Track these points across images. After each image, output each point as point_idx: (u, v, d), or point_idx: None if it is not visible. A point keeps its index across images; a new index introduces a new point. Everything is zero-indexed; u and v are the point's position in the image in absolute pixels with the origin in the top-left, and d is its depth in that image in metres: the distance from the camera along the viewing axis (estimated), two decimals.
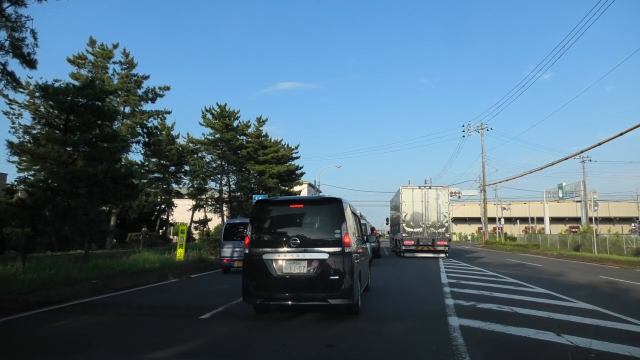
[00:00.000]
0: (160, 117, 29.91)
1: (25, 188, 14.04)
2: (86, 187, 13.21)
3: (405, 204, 23.89)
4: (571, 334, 5.44)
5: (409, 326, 6.11)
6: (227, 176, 34.18)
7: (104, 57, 26.87)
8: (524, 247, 39.15)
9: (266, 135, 35.27)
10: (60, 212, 13.33)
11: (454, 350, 4.75)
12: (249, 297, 6.39)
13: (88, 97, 13.89)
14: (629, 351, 4.75)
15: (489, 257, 24.66)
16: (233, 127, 32.39)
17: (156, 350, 4.98)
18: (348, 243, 6.33)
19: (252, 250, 6.46)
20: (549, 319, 6.49)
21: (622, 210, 69.04)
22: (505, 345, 5.10)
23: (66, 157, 13.41)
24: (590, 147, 29.00)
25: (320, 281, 6.16)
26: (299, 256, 6.27)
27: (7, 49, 11.30)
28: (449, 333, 5.53)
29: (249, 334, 5.65)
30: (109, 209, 23.03)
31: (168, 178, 34.09)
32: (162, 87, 28.62)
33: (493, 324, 6.04)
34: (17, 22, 11.17)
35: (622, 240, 27.21)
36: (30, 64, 11.58)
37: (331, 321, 6.34)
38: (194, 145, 33.00)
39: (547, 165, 36.58)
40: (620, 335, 5.59)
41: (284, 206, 7.15)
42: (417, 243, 23.14)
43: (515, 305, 7.61)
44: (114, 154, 14.58)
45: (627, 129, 22.16)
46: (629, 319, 6.65)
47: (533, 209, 67.60)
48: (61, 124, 14.47)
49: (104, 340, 5.45)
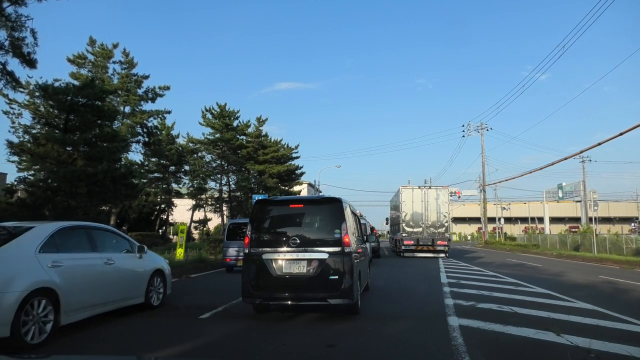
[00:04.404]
0: (160, 116, 29.90)
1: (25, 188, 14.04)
2: (86, 187, 13.22)
3: (405, 203, 23.89)
4: (571, 334, 5.44)
5: (408, 326, 6.11)
6: (227, 176, 34.18)
7: (104, 56, 26.85)
8: (523, 247, 39.17)
9: (266, 135, 35.27)
10: (60, 212, 13.33)
11: (453, 350, 4.75)
12: (248, 297, 6.39)
13: (88, 97, 13.90)
14: (629, 351, 4.75)
15: (488, 257, 24.66)
16: (233, 126, 32.37)
17: (156, 350, 4.97)
18: (348, 243, 6.33)
19: (252, 250, 6.47)
20: (548, 319, 6.49)
21: (622, 210, 69.07)
22: (505, 345, 5.10)
23: (66, 157, 13.41)
24: (590, 147, 29.01)
25: (320, 281, 6.16)
26: (298, 256, 6.27)
27: (7, 48, 11.31)
28: (448, 333, 5.53)
29: (248, 334, 5.65)
30: (108, 208, 23.00)
31: (168, 178, 34.09)
32: (162, 86, 28.63)
33: (493, 323, 6.04)
34: (17, 21, 11.18)
35: (622, 240, 27.23)
36: (30, 64, 11.58)
37: (331, 321, 6.35)
38: (193, 145, 33.00)
39: (547, 165, 36.60)
40: (620, 335, 5.59)
41: (283, 206, 7.15)
42: (416, 243, 23.14)
43: (515, 305, 7.61)
44: (114, 154, 14.59)
45: (627, 129, 22.18)
46: (629, 319, 6.65)
47: (533, 209, 67.63)
48: (61, 123, 14.47)
49: (104, 340, 5.44)
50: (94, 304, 5.98)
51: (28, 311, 4.82)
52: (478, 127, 46.34)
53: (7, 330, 4.52)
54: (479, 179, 48.55)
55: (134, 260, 7.09)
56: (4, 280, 4.68)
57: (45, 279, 5.09)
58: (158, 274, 7.64)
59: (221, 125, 31.65)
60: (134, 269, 7.06)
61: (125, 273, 6.78)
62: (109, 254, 6.49)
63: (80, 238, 6.20)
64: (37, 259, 5.18)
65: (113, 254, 6.60)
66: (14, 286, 4.71)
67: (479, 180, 48.61)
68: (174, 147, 32.38)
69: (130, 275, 6.91)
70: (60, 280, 5.28)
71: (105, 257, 6.36)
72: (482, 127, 45.97)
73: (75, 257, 5.81)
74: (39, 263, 5.16)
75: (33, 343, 4.83)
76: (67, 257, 5.63)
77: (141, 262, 7.24)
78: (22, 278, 4.85)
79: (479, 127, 46.28)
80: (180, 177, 34.71)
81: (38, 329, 4.93)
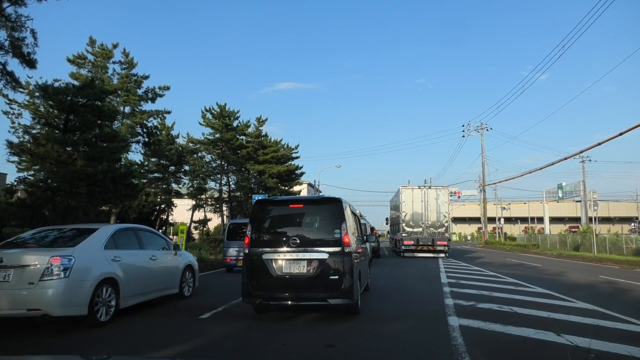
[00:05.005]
0: (160, 117, 29.84)
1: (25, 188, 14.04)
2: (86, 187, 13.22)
3: (405, 203, 23.88)
4: (571, 334, 5.44)
5: (408, 326, 6.11)
6: (226, 176, 34.15)
7: (103, 57, 26.82)
8: (523, 247, 39.16)
9: (266, 135, 35.22)
10: (60, 212, 13.33)
11: (453, 350, 4.75)
12: (248, 297, 6.39)
13: (88, 97, 13.90)
14: (629, 351, 4.75)
15: (488, 257, 24.66)
16: (233, 127, 32.34)
17: (156, 350, 4.97)
18: (348, 243, 6.33)
19: (252, 250, 6.46)
20: (548, 318, 6.49)
21: (622, 210, 69.05)
22: (505, 345, 5.10)
23: (66, 157, 13.41)
24: (590, 147, 28.99)
25: (320, 281, 6.16)
26: (298, 256, 6.27)
27: (7, 48, 11.30)
28: (448, 333, 5.53)
29: (248, 334, 5.64)
30: (108, 208, 22.97)
31: (168, 178, 34.05)
32: (162, 87, 28.57)
33: (493, 323, 6.04)
34: (17, 21, 11.16)
35: (622, 240, 27.22)
36: (30, 64, 11.57)
37: (331, 321, 6.34)
38: (193, 145, 32.97)
39: (547, 165, 36.61)
40: (620, 335, 5.59)
41: (283, 206, 7.14)
42: (416, 243, 23.13)
43: (515, 305, 7.61)
44: (114, 154, 14.59)
45: (627, 129, 22.14)
46: (629, 319, 6.65)
47: (533, 209, 67.61)
48: (61, 123, 14.46)
49: (104, 340, 5.44)
50: (143, 292, 7.08)
51: (99, 295, 6.00)
52: (478, 127, 46.35)
53: (85, 309, 5.73)
54: (479, 179, 48.58)
55: (170, 256, 8.24)
56: (84, 270, 5.86)
57: (110, 270, 6.28)
58: (189, 269, 8.82)
59: (221, 125, 31.63)
60: (171, 264, 8.17)
61: (165, 267, 7.92)
62: (152, 251, 7.63)
63: (131, 237, 7.32)
64: (104, 254, 6.35)
65: (155, 251, 7.74)
66: (90, 275, 5.92)
67: (479, 180, 48.63)
68: (174, 147, 32.34)
69: (168, 269, 8.03)
70: (120, 272, 6.46)
71: (150, 253, 7.50)
72: (482, 127, 45.97)
73: (129, 254, 6.92)
74: (105, 258, 6.33)
75: (102, 320, 6.02)
76: (123, 253, 6.75)
77: (176, 258, 8.38)
78: (95, 269, 6.04)
79: (479, 127, 46.29)
80: (180, 177, 34.66)
81: (105, 310, 6.13)
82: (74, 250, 5.90)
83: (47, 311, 5.46)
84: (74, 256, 5.81)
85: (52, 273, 5.53)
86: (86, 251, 6.08)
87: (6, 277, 5.51)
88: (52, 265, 5.56)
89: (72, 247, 5.98)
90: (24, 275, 5.51)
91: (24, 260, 5.62)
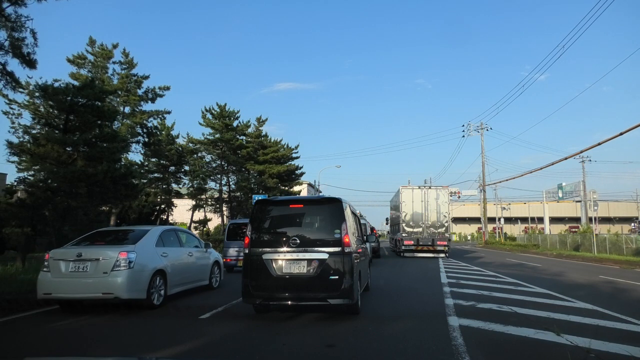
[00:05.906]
0: (160, 117, 29.81)
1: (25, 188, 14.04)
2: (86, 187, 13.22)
3: (405, 204, 23.88)
4: (571, 334, 5.44)
5: (408, 326, 6.10)
6: (227, 176, 34.16)
7: (103, 57, 26.81)
8: (523, 247, 39.17)
9: (266, 135, 35.23)
10: (60, 212, 13.34)
11: (453, 350, 4.75)
12: (248, 297, 6.39)
13: (88, 97, 13.90)
14: (629, 351, 4.75)
15: (488, 257, 24.66)
16: (233, 127, 32.35)
17: (156, 350, 4.98)
18: (348, 243, 6.33)
19: (252, 250, 6.46)
20: (548, 318, 6.49)
21: (622, 210, 69.05)
22: (505, 345, 5.10)
23: (66, 157, 13.41)
24: (590, 147, 29.07)
25: (320, 281, 6.16)
26: (298, 256, 6.27)
27: (6, 48, 11.28)
28: (448, 333, 5.53)
29: (248, 334, 5.65)
30: (108, 208, 22.97)
31: (168, 178, 34.02)
32: (162, 87, 28.55)
33: (493, 323, 6.04)
34: (17, 22, 11.15)
35: (622, 240, 27.20)
36: (30, 64, 11.56)
37: (331, 321, 6.34)
38: (193, 145, 32.97)
39: (546, 165, 36.66)
40: (620, 335, 5.59)
41: (283, 206, 7.14)
42: (416, 243, 23.13)
43: (515, 305, 7.61)
44: (114, 154, 14.59)
45: (627, 129, 22.17)
46: (628, 319, 6.65)
47: (533, 209, 67.62)
48: (61, 124, 14.47)
49: (105, 340, 5.45)
50: (183, 282, 8.49)
51: (153, 283, 7.30)
52: (478, 127, 46.36)
53: (144, 294, 7.08)
54: (479, 179, 48.60)
55: (202, 253, 9.65)
56: (143, 263, 7.19)
57: (161, 264, 7.65)
58: (216, 264, 10.21)
59: (221, 125, 31.63)
60: (203, 260, 9.56)
61: (199, 262, 9.31)
62: (189, 249, 9.09)
63: (173, 237, 8.66)
64: (155, 250, 7.72)
65: (191, 249, 9.19)
66: (147, 267, 7.26)
67: (479, 180, 48.65)
68: (174, 147, 32.32)
69: (201, 264, 9.43)
70: (168, 265, 7.85)
71: (188, 250, 8.95)
72: (482, 127, 45.98)
73: (173, 250, 8.30)
74: (157, 253, 7.71)
75: (156, 304, 7.34)
76: (169, 250, 8.14)
77: (207, 254, 9.81)
78: (151, 262, 7.41)
79: (478, 127, 46.29)
80: (180, 177, 34.64)
81: (157, 296, 7.44)
82: (135, 247, 7.20)
83: (117, 295, 6.74)
84: (136, 252, 7.11)
85: (120, 265, 6.83)
86: (144, 248, 7.40)
87: (84, 268, 6.84)
88: (120, 258, 6.87)
89: (134, 245, 7.29)
90: (99, 267, 6.82)
91: (98, 254, 6.92)
